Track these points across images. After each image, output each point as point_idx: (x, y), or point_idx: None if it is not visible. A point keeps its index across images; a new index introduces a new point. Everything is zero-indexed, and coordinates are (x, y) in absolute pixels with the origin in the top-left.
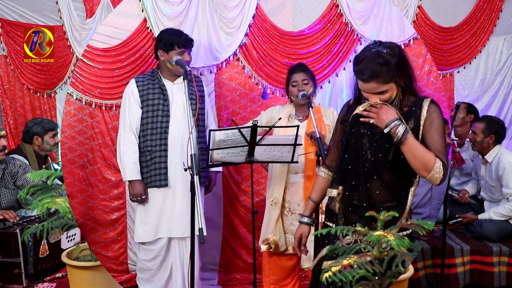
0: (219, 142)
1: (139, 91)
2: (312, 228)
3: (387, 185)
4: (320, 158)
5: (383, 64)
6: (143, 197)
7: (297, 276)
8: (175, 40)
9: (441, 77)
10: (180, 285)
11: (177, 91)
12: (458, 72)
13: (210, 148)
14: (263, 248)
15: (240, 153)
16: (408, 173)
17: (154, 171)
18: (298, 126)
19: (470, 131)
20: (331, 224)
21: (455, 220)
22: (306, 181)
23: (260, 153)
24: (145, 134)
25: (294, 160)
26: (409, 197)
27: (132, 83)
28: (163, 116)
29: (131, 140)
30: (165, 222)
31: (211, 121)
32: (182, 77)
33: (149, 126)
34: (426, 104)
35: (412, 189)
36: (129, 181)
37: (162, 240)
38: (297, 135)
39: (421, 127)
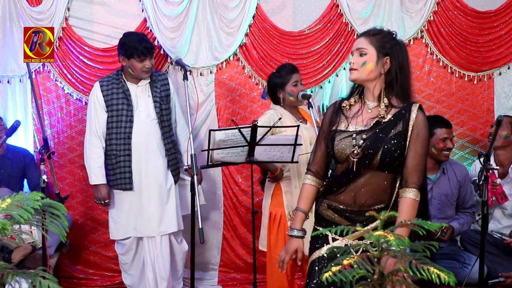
0: (219, 142)
1: (103, 96)
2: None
3: (373, 188)
4: None
5: (381, 32)
6: (106, 201)
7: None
8: (134, 50)
9: (475, 81)
10: (152, 280)
11: (141, 94)
12: (500, 74)
13: (210, 148)
14: (261, 248)
15: (240, 153)
16: (394, 175)
17: (119, 174)
18: (298, 126)
19: None
20: (320, 229)
21: (497, 280)
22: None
23: (260, 153)
24: (110, 138)
25: (294, 160)
26: (394, 199)
27: (97, 87)
28: (126, 121)
29: (97, 144)
30: (133, 222)
31: (179, 117)
32: (145, 79)
33: (113, 131)
34: (415, 109)
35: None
36: (94, 185)
37: (130, 237)
38: (297, 135)
39: (409, 132)
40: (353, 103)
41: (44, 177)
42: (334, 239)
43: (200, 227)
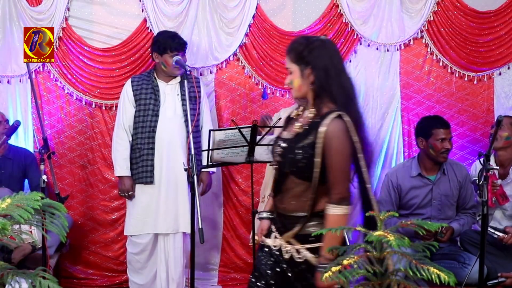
0: (219, 142)
1: (133, 91)
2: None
3: (292, 193)
4: None
5: (296, 42)
6: (130, 193)
7: None
8: (168, 44)
9: (475, 81)
10: (164, 280)
11: (170, 92)
12: (500, 74)
13: (210, 148)
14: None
15: (240, 153)
16: (309, 184)
17: (141, 168)
18: None
19: None
20: (266, 239)
21: (496, 281)
22: None
23: (260, 153)
24: (136, 132)
25: None
26: (317, 207)
27: (128, 83)
28: (152, 115)
29: (123, 137)
30: (151, 218)
31: (206, 121)
32: (177, 78)
33: (139, 125)
34: (328, 120)
35: (319, 198)
36: (118, 176)
37: (148, 235)
38: None
39: (318, 144)
40: (300, 112)
41: (44, 177)
42: (276, 237)
43: (200, 227)
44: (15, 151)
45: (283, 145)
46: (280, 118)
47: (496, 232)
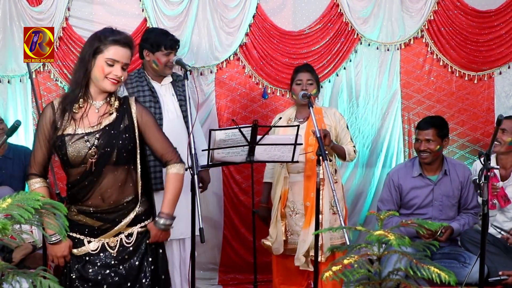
0: (219, 141)
1: (129, 94)
2: (312, 229)
3: (116, 184)
4: (321, 157)
5: None
6: None
7: (306, 277)
8: (161, 41)
9: (475, 81)
10: (178, 284)
11: (165, 92)
12: (500, 73)
13: (211, 147)
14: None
15: (241, 153)
16: (129, 167)
17: (151, 174)
18: (298, 126)
19: None
20: (75, 235)
21: (497, 278)
22: (306, 181)
23: (260, 152)
24: None
25: (294, 160)
26: (139, 185)
27: (121, 86)
28: (156, 119)
29: None
30: None
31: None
32: (168, 78)
33: None
34: (133, 102)
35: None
36: None
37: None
38: (297, 134)
39: (136, 124)
40: (81, 105)
41: None
42: (89, 241)
43: (201, 226)
44: (15, 151)
45: (98, 136)
46: (280, 118)
47: (502, 232)
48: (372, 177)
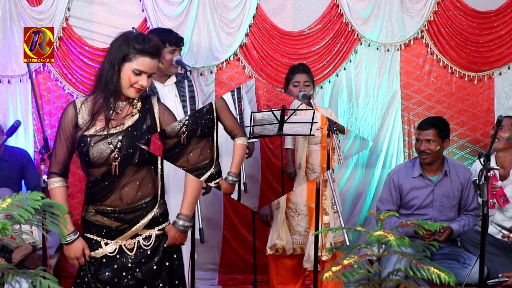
0: (258, 120)
1: None
2: (312, 229)
3: (136, 184)
4: (330, 132)
5: None
6: None
7: (302, 276)
8: (166, 38)
9: (475, 81)
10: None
11: (168, 93)
12: (500, 74)
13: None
14: (269, 252)
15: (273, 128)
16: (150, 167)
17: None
18: (314, 111)
19: None
20: (91, 236)
21: (496, 280)
22: (310, 184)
23: (287, 128)
24: None
25: (311, 134)
26: (159, 186)
27: None
28: None
29: None
30: None
31: None
32: (172, 78)
33: None
34: (155, 101)
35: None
36: None
37: None
38: (313, 115)
39: (158, 125)
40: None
41: (45, 177)
42: (106, 244)
43: (201, 227)
44: (11, 152)
45: (120, 137)
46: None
47: (503, 231)
48: (372, 177)
